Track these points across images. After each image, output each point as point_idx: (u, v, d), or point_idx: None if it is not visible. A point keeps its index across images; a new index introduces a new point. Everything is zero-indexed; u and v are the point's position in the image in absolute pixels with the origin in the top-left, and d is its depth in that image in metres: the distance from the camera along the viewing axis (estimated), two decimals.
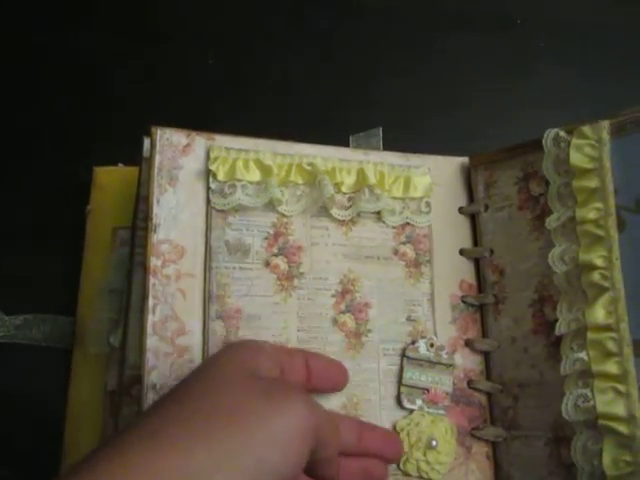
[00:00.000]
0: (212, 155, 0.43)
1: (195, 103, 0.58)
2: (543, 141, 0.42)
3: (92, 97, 0.58)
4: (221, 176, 0.42)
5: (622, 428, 0.36)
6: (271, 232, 0.43)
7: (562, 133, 0.41)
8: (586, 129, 0.40)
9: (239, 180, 0.43)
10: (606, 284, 0.38)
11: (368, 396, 0.42)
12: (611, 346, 0.37)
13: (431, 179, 0.47)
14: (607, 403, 0.37)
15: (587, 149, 0.40)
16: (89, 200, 0.53)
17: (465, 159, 0.48)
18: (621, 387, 0.36)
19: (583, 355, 0.38)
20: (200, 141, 0.43)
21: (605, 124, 0.39)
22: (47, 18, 0.60)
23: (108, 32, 0.60)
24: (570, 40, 0.60)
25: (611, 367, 0.37)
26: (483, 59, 0.59)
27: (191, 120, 0.47)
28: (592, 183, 0.39)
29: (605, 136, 0.39)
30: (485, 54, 0.60)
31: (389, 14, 0.61)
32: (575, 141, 0.40)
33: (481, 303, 0.45)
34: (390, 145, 0.54)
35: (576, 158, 0.40)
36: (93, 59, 0.59)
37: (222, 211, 0.42)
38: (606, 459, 0.36)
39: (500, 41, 0.60)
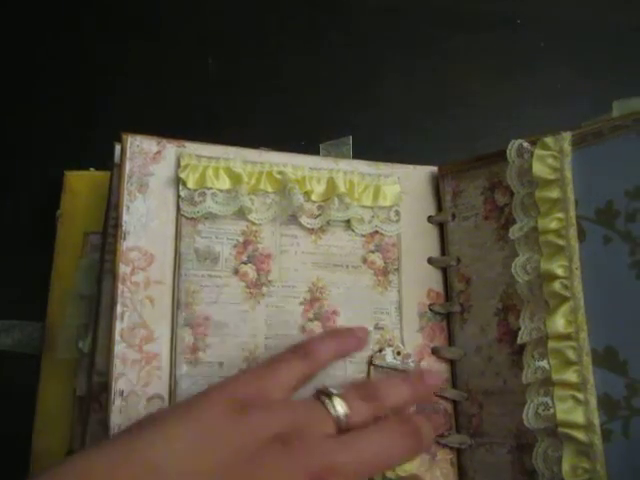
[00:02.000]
0: (182, 163, 0.43)
1: (195, 103, 0.58)
2: (507, 152, 0.42)
3: (92, 97, 0.58)
4: (191, 184, 0.43)
5: (581, 436, 0.37)
6: (240, 240, 0.44)
7: (525, 144, 0.42)
8: (548, 140, 0.41)
9: (209, 188, 0.43)
10: (567, 293, 0.38)
11: None
12: (571, 355, 0.38)
13: (400, 188, 0.47)
14: (566, 411, 0.37)
15: (549, 160, 0.40)
16: (59, 204, 0.53)
17: (434, 168, 0.48)
18: (580, 395, 0.37)
19: (544, 364, 0.39)
20: (170, 148, 0.43)
21: (567, 136, 0.40)
22: (46, 17, 0.60)
23: (108, 32, 0.60)
24: (570, 40, 0.60)
25: (571, 376, 0.38)
26: (483, 59, 0.60)
27: (191, 120, 0.48)
28: (554, 194, 0.40)
29: (567, 147, 0.40)
30: (485, 54, 0.60)
31: (389, 14, 0.61)
32: (538, 152, 0.41)
33: (448, 312, 0.46)
34: (390, 145, 0.55)
35: (538, 169, 0.40)
36: (93, 59, 0.59)
37: (192, 219, 0.43)
38: (565, 466, 0.37)
39: (500, 41, 0.60)
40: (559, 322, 0.38)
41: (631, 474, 0.36)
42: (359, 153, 0.55)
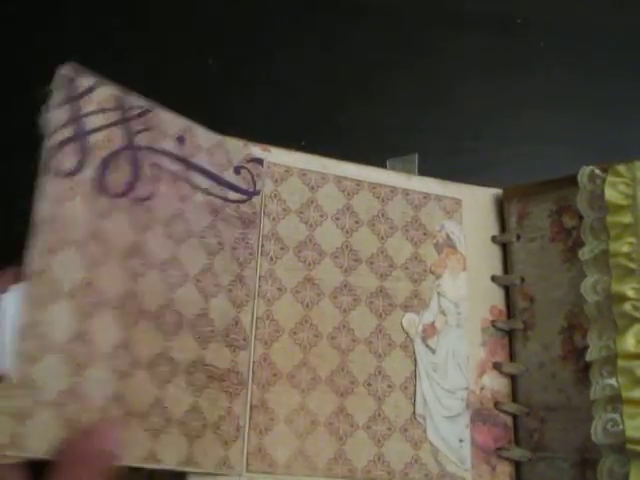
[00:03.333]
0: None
1: (195, 103, 0.58)
2: (578, 177, 0.44)
3: None
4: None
5: None
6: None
7: (597, 171, 0.43)
8: (621, 168, 0.42)
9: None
10: (637, 315, 0.40)
11: None
12: None
13: (466, 205, 0.49)
14: (636, 428, 0.38)
15: (621, 187, 0.42)
16: None
17: (498, 191, 0.50)
18: None
19: (612, 381, 0.40)
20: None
21: (638, 164, 0.42)
22: (46, 17, 0.60)
23: (108, 32, 0.60)
24: (570, 40, 0.61)
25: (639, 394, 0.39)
26: (483, 59, 0.61)
27: (191, 120, 0.49)
28: (626, 219, 0.41)
29: (639, 175, 0.41)
30: (485, 54, 0.61)
31: (389, 14, 0.62)
32: (610, 179, 0.42)
33: (510, 328, 0.47)
34: (390, 145, 0.56)
35: (611, 195, 0.42)
36: (93, 59, 0.60)
37: None
38: None
39: (500, 41, 0.61)
40: (630, 342, 0.40)
41: None
42: (359, 153, 0.54)
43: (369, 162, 0.52)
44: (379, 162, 0.53)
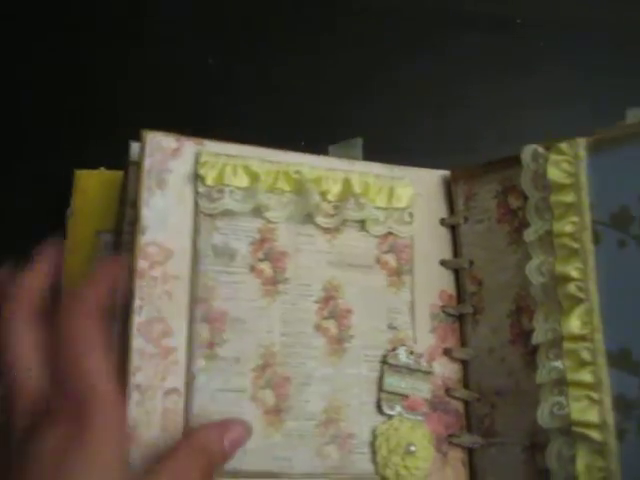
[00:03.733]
0: (201, 160, 0.43)
1: (195, 103, 0.58)
2: (522, 156, 0.43)
3: (93, 97, 0.58)
4: (209, 181, 0.43)
5: (595, 435, 0.37)
6: (257, 237, 0.44)
7: (540, 149, 0.42)
8: (563, 146, 0.41)
9: (227, 185, 0.43)
10: (582, 295, 0.39)
11: (349, 401, 0.43)
12: (586, 355, 0.38)
13: (414, 190, 0.48)
14: (581, 410, 0.38)
15: (564, 165, 0.41)
16: (69, 203, 0.53)
17: (446, 172, 0.49)
18: (595, 395, 0.38)
19: (559, 364, 0.39)
20: (189, 146, 0.44)
21: (582, 141, 0.41)
22: (45, 16, 0.60)
23: (108, 32, 0.60)
24: (570, 40, 0.61)
25: (586, 376, 0.38)
26: (483, 59, 0.60)
27: (191, 120, 0.48)
28: (569, 198, 0.41)
29: (582, 153, 0.41)
30: (485, 54, 0.60)
31: (389, 14, 0.61)
32: (553, 157, 0.42)
33: (460, 313, 0.46)
34: (390, 145, 0.55)
35: (553, 173, 0.41)
36: (93, 59, 0.59)
37: (210, 215, 0.43)
38: (580, 465, 0.37)
39: (500, 41, 0.61)
40: (574, 323, 0.39)
41: None
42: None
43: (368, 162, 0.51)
44: (379, 162, 0.53)
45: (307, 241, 0.45)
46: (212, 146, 0.44)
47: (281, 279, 0.44)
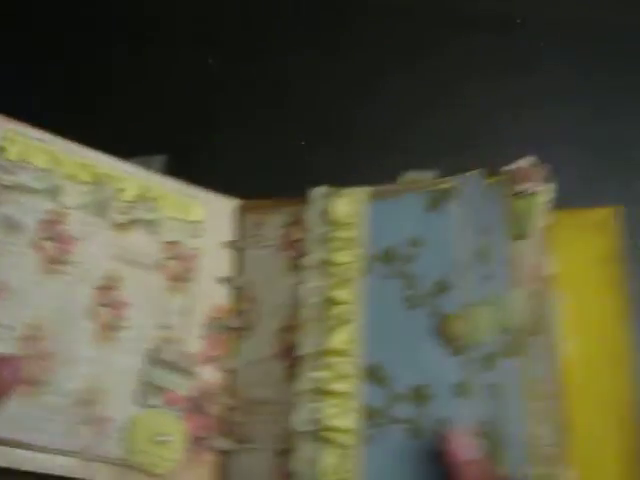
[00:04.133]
0: (6, 134, 0.43)
1: (195, 103, 0.57)
2: (311, 195, 0.49)
3: (93, 97, 0.58)
4: (11, 155, 0.43)
5: (343, 440, 0.42)
6: (47, 218, 0.44)
7: (328, 191, 0.49)
8: (348, 191, 0.48)
9: (27, 162, 0.44)
10: (349, 317, 0.44)
11: (111, 387, 0.44)
12: (344, 369, 0.43)
13: (207, 210, 0.51)
14: (334, 417, 0.42)
15: (347, 207, 0.48)
16: None
17: (236, 201, 0.53)
18: (348, 404, 0.42)
19: (318, 375, 0.44)
20: None
21: (364, 189, 0.48)
22: (46, 18, 0.59)
23: (108, 31, 0.59)
24: (570, 40, 0.61)
25: (341, 387, 0.43)
26: (483, 59, 0.60)
27: (191, 120, 0.50)
28: (347, 234, 0.47)
29: (364, 198, 0.47)
30: (485, 54, 0.60)
31: (390, 14, 0.62)
32: (338, 199, 0.48)
33: (232, 326, 0.49)
34: (390, 144, 0.57)
35: (338, 212, 0.47)
36: (93, 59, 0.58)
37: (6, 187, 0.43)
38: (326, 467, 0.41)
39: (500, 41, 0.60)
40: (337, 340, 0.44)
41: (385, 475, 0.41)
42: (359, 153, 0.57)
43: (369, 162, 0.54)
44: (379, 162, 0.55)
45: (96, 232, 0.46)
46: (22, 127, 0.45)
47: (63, 260, 0.44)
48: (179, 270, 0.48)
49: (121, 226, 0.47)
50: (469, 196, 0.46)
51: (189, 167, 0.52)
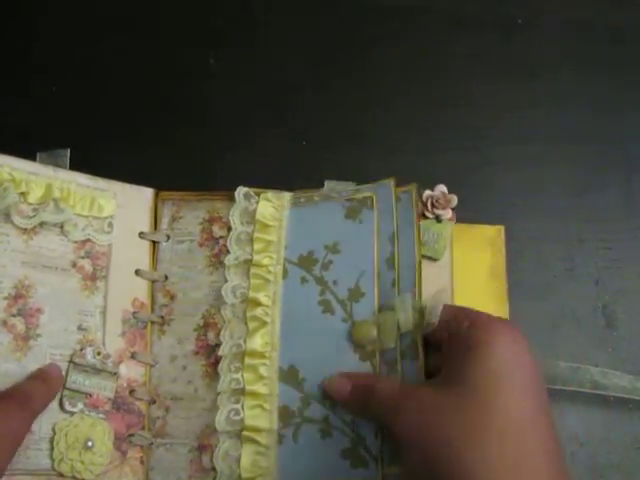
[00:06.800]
0: None
1: (195, 103, 0.56)
2: (235, 194, 0.49)
3: (92, 97, 0.57)
4: None
5: (261, 439, 0.44)
6: None
7: (252, 192, 0.50)
8: (271, 195, 0.49)
9: None
10: (266, 319, 0.46)
11: None
12: (263, 371, 0.45)
13: (116, 203, 0.50)
14: (253, 417, 0.45)
15: (270, 210, 0.49)
16: None
17: (151, 190, 0.52)
18: (266, 405, 0.45)
19: (239, 376, 0.46)
20: None
21: (287, 195, 0.49)
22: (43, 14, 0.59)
23: (108, 31, 0.59)
24: (570, 40, 0.61)
25: (261, 388, 0.45)
26: (484, 59, 0.60)
27: (191, 120, 0.51)
28: (269, 237, 0.48)
29: (286, 203, 0.49)
30: (485, 54, 0.60)
31: (390, 14, 0.61)
32: (262, 202, 0.49)
33: (149, 321, 0.50)
34: (391, 144, 0.57)
35: (261, 215, 0.49)
36: (92, 59, 0.58)
37: None
38: (244, 464, 0.44)
39: (501, 41, 0.61)
40: (257, 342, 0.46)
41: (297, 472, 0.44)
42: (358, 152, 0.56)
43: (368, 162, 0.55)
44: (379, 162, 0.55)
45: (2, 239, 0.45)
46: None
47: None
48: (93, 269, 0.48)
49: (29, 231, 0.46)
50: (383, 204, 0.48)
51: (190, 167, 0.55)
